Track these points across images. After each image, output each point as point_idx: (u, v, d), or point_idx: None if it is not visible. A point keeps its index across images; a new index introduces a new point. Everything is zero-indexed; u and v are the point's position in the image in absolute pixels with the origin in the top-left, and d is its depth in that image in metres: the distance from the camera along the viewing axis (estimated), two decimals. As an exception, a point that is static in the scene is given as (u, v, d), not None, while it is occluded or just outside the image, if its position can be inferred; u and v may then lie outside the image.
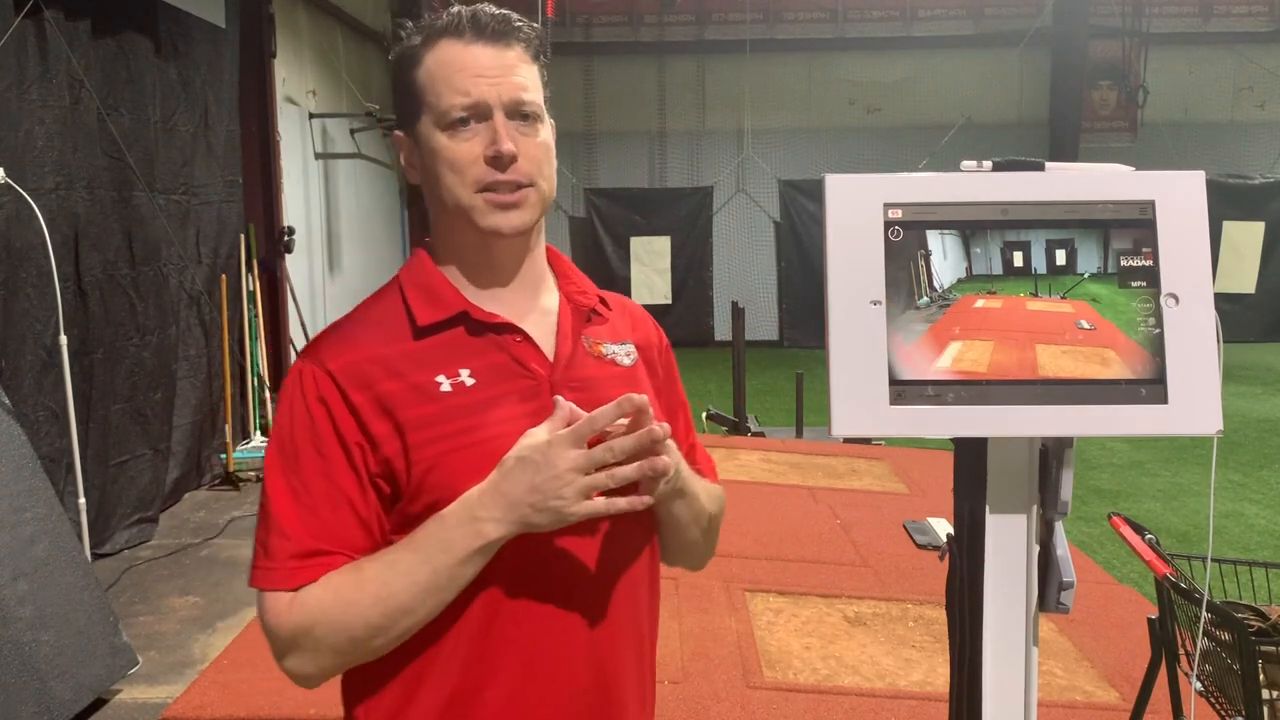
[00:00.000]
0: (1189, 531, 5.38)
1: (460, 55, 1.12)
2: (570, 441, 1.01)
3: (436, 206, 1.17)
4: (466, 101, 1.11)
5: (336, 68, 9.64)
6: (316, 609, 1.04)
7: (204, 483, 6.10)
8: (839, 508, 4.90)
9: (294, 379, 1.11)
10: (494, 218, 1.13)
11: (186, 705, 3.10)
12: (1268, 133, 13.34)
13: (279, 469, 1.08)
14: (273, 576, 1.06)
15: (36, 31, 4.48)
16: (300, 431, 1.08)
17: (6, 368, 4.21)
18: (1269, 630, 2.27)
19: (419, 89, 1.14)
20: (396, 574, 1.04)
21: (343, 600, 1.04)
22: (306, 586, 1.05)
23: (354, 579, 1.05)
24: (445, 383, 1.10)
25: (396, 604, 1.04)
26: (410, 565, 1.04)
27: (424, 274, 1.18)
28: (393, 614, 1.04)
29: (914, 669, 3.24)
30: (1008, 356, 0.99)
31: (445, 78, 1.12)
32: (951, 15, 13.36)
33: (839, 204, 1.00)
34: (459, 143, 1.11)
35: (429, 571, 1.03)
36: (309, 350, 1.14)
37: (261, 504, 1.10)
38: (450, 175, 1.12)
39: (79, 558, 3.48)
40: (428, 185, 1.17)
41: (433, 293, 1.16)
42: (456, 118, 1.11)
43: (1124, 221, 1.01)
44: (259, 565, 1.08)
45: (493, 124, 1.12)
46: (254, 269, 7.01)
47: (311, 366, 1.11)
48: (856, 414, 0.98)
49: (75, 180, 4.78)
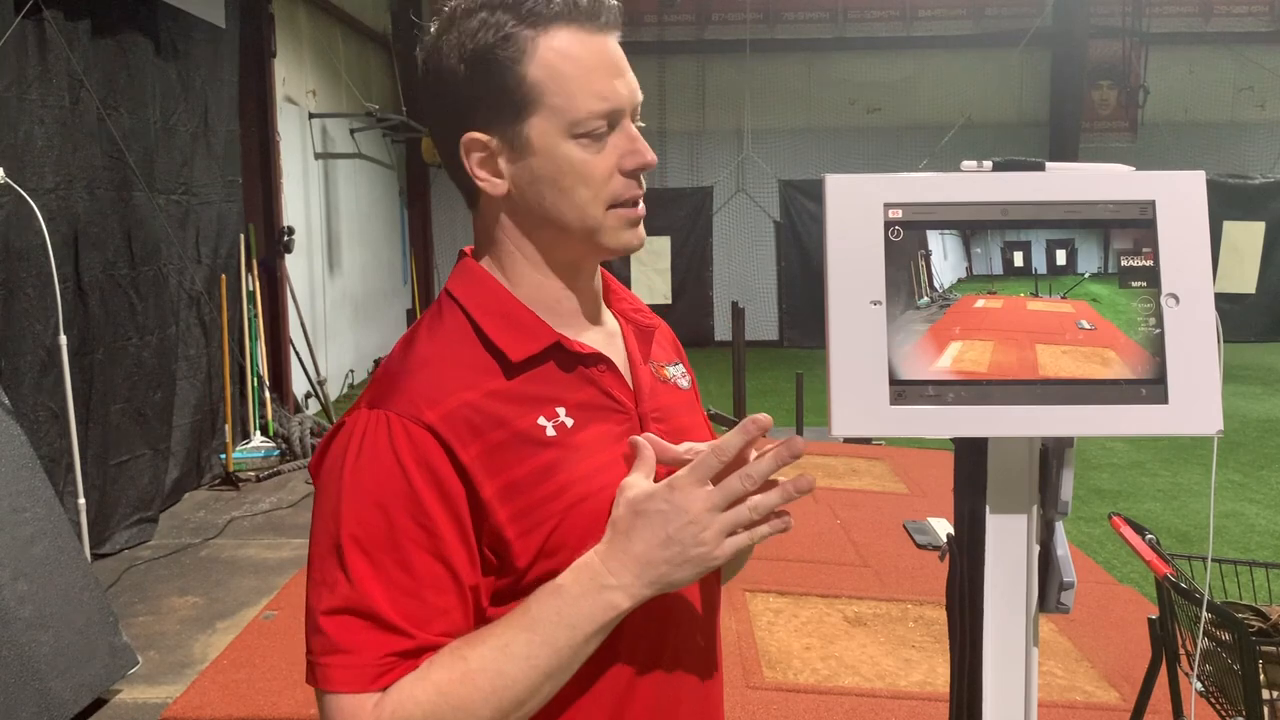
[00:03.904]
0: (1189, 531, 5.38)
1: (590, 48, 0.96)
2: (696, 480, 0.90)
3: (535, 221, 1.00)
4: (606, 108, 0.96)
5: (336, 68, 9.64)
6: (418, 713, 0.87)
7: (204, 483, 6.11)
8: (839, 508, 4.90)
9: (378, 434, 0.91)
10: (626, 235, 1.00)
11: (186, 705, 3.10)
12: (1268, 133, 13.34)
13: (361, 545, 0.89)
14: (356, 676, 0.88)
15: (36, 31, 4.48)
16: (395, 501, 0.90)
17: (6, 368, 4.21)
18: (1269, 630, 2.27)
19: (533, 85, 0.95)
20: (511, 660, 0.88)
21: (451, 700, 0.87)
22: (397, 683, 0.89)
23: (459, 671, 0.88)
24: (548, 425, 0.96)
25: (513, 696, 0.88)
26: (528, 648, 0.88)
27: (496, 299, 1.00)
28: (508, 708, 0.89)
29: (914, 669, 3.24)
30: (1008, 356, 0.99)
31: (577, 76, 0.95)
32: (951, 15, 13.35)
33: (839, 204, 1.00)
34: (594, 154, 0.96)
35: (550, 654, 0.89)
36: (387, 397, 0.94)
37: (323, 583, 0.90)
38: (584, 191, 0.97)
39: (79, 558, 3.48)
40: (533, 198, 0.98)
41: (517, 321, 0.99)
42: (594, 127, 0.96)
43: (1124, 221, 1.01)
44: (331, 662, 0.88)
45: (627, 131, 0.98)
46: (254, 269, 7.02)
47: (401, 419, 0.91)
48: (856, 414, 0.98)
49: (75, 180, 4.78)
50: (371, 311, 10.98)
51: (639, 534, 0.90)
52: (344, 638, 0.88)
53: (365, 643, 0.88)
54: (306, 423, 7.07)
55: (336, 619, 0.89)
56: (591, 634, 0.90)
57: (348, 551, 0.89)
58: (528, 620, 0.89)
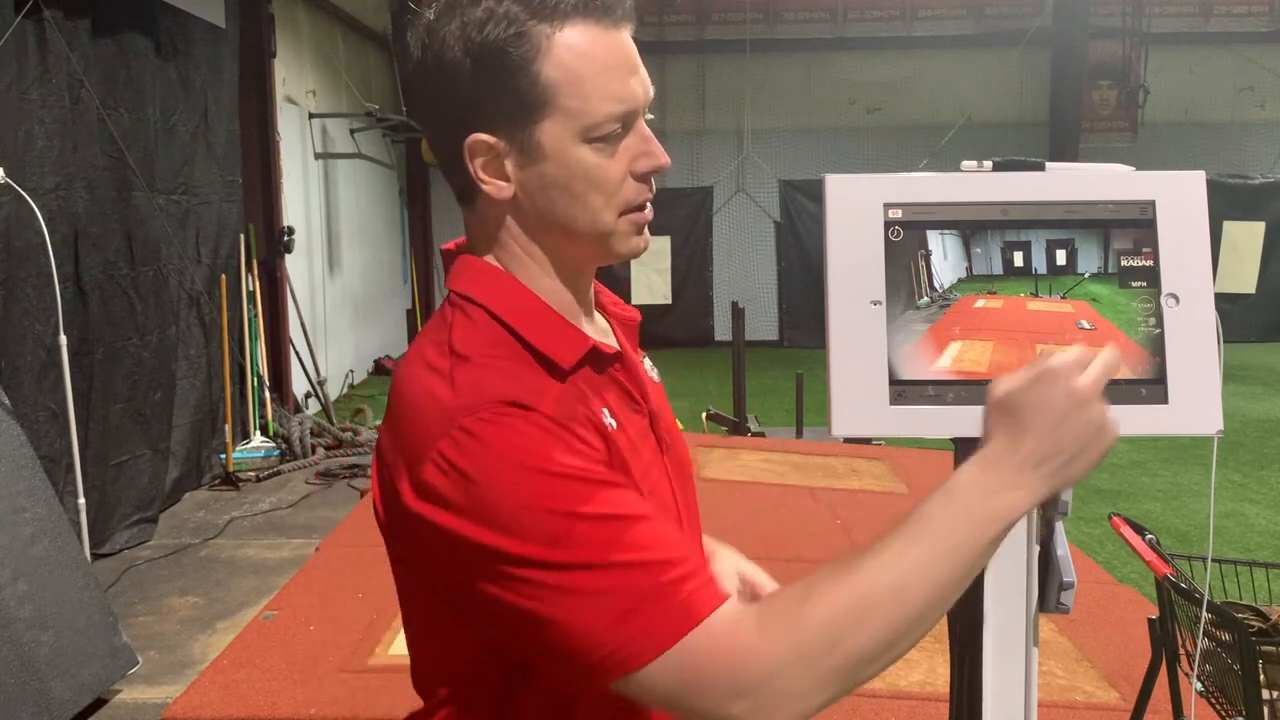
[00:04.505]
0: (1189, 531, 5.37)
1: (605, 44, 0.91)
2: (1077, 365, 0.85)
3: (542, 225, 0.95)
4: (622, 110, 0.91)
5: (336, 68, 9.63)
6: (813, 628, 0.79)
7: (204, 483, 6.11)
8: (839, 508, 4.90)
9: (512, 428, 0.83)
10: (635, 240, 0.96)
11: (186, 705, 3.09)
12: (1268, 133, 13.33)
13: (580, 501, 0.81)
14: (709, 590, 0.81)
15: (36, 31, 4.48)
16: (577, 459, 0.83)
17: (6, 368, 4.21)
18: (1269, 630, 2.27)
19: (547, 86, 0.89)
20: (912, 570, 0.81)
21: (851, 612, 0.80)
22: (771, 603, 0.83)
23: (852, 585, 0.81)
24: (611, 421, 0.93)
25: (915, 609, 0.81)
26: (930, 555, 0.81)
27: (528, 306, 0.94)
28: (908, 621, 0.81)
29: (914, 669, 3.24)
30: (1008, 356, 0.99)
31: (593, 76, 0.89)
32: (951, 15, 13.35)
33: (839, 204, 1.00)
34: (607, 159, 0.91)
35: (951, 563, 0.82)
36: (475, 408, 0.84)
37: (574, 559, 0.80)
38: (597, 198, 0.92)
39: (79, 558, 3.48)
40: (542, 203, 0.93)
41: (555, 328, 0.94)
42: (610, 131, 0.90)
43: (1124, 221, 1.01)
44: (682, 590, 0.80)
45: (640, 132, 0.94)
46: (254, 269, 7.01)
47: (518, 410, 0.84)
48: (856, 414, 0.98)
49: (75, 180, 4.78)
50: (371, 311, 10.98)
51: (1027, 428, 0.84)
52: (644, 581, 0.80)
53: (675, 570, 0.81)
54: (306, 423, 7.07)
55: (634, 572, 0.80)
56: (990, 541, 0.83)
57: (582, 515, 0.81)
58: (922, 529, 0.83)
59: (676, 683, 0.79)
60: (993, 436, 0.86)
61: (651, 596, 0.80)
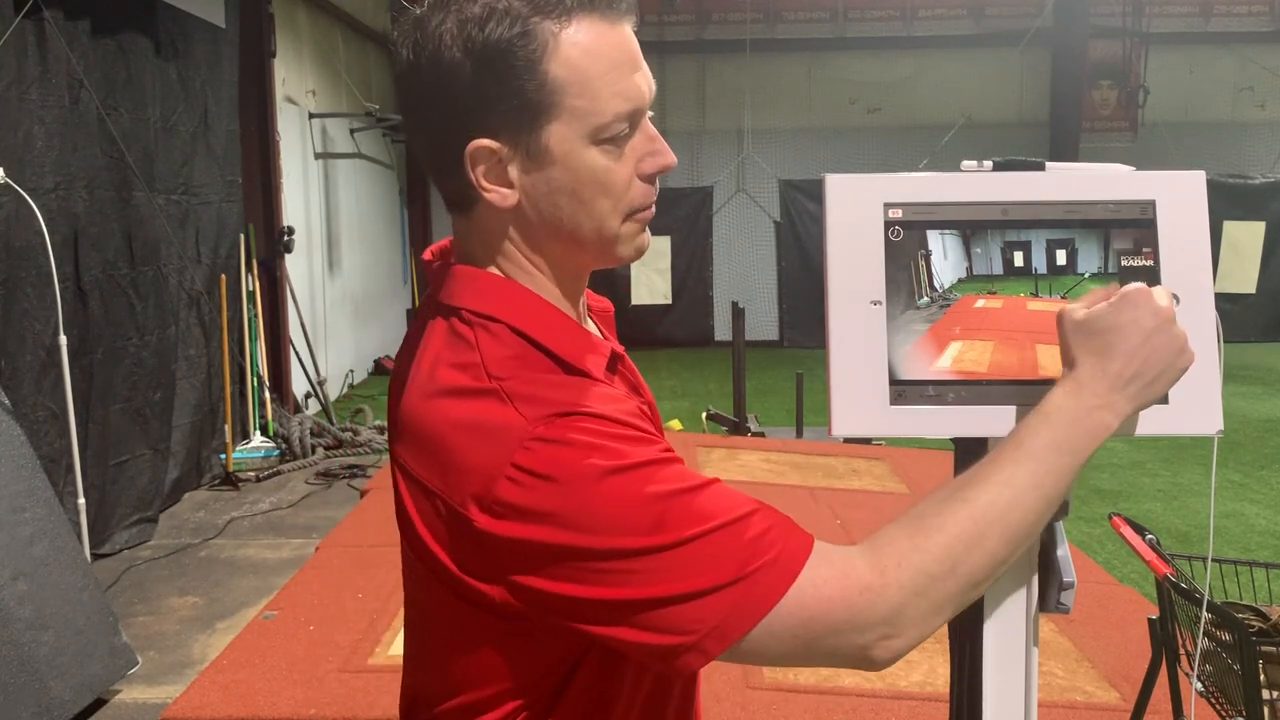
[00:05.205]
0: (1189, 532, 5.37)
1: (611, 40, 0.87)
2: (1159, 295, 0.89)
3: (546, 233, 0.92)
4: (629, 108, 0.88)
5: (336, 68, 9.64)
6: (930, 558, 0.82)
7: (203, 483, 6.11)
8: (839, 508, 4.90)
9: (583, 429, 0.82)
10: (638, 242, 0.94)
11: (186, 705, 3.09)
12: (1268, 133, 13.33)
13: (662, 483, 0.82)
14: (793, 545, 0.82)
15: (36, 31, 4.48)
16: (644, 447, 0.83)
17: (6, 368, 4.21)
18: (1269, 630, 2.27)
19: (555, 87, 0.85)
20: (1021, 491, 0.85)
21: (964, 539, 0.83)
22: (877, 537, 0.85)
23: (964, 512, 0.84)
24: None
25: (1025, 526, 0.86)
26: (1033, 478, 0.85)
27: (550, 319, 0.92)
28: (1020, 539, 0.86)
29: (914, 669, 3.24)
30: (1008, 356, 0.99)
31: (601, 74, 0.86)
32: (951, 15, 13.35)
33: (839, 204, 1.00)
34: (615, 161, 0.88)
35: (1054, 480, 0.86)
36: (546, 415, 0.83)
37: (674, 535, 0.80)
38: (605, 202, 0.89)
39: (78, 558, 3.48)
40: (547, 210, 0.90)
41: (578, 339, 0.93)
42: (618, 131, 0.87)
43: (1124, 221, 1.00)
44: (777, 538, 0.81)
45: (646, 131, 0.91)
46: (253, 269, 7.01)
47: (584, 417, 0.84)
48: (856, 414, 0.98)
49: (75, 180, 4.78)
50: (371, 311, 10.98)
51: (1115, 348, 0.87)
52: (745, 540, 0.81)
53: (757, 509, 0.83)
54: (306, 423, 7.07)
55: (726, 535, 0.81)
56: (1086, 458, 0.88)
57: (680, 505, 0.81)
58: (1024, 453, 0.86)
59: (800, 628, 0.81)
60: (1078, 360, 0.89)
61: (750, 554, 0.80)
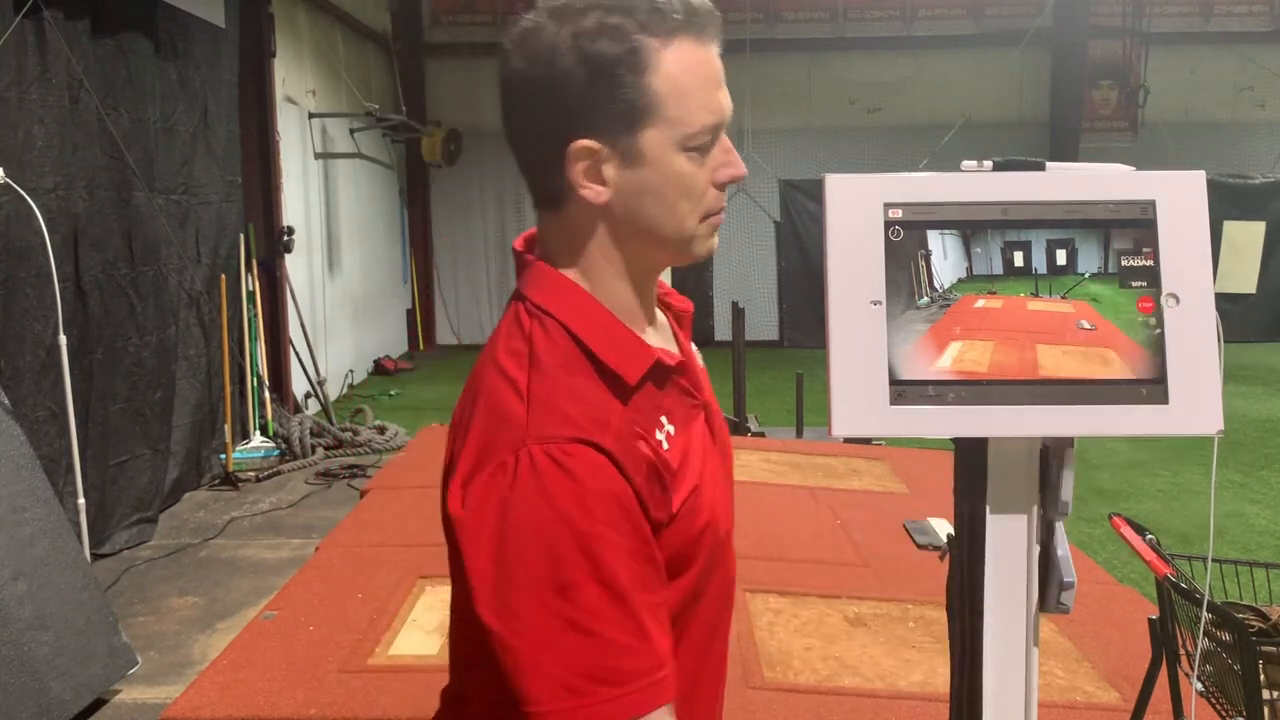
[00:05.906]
0: (1189, 532, 5.37)
1: (701, 60, 0.96)
2: None
3: (629, 230, 0.99)
4: (714, 121, 0.97)
5: (336, 67, 9.64)
6: None
7: (203, 483, 6.11)
8: (839, 508, 4.90)
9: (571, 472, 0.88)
10: (710, 243, 1.03)
11: (186, 705, 3.09)
12: (1268, 133, 13.33)
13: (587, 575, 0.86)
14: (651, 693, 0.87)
15: (36, 31, 4.48)
16: (608, 535, 0.87)
17: (6, 368, 4.21)
18: (1269, 630, 2.27)
19: (655, 97, 0.94)
20: None
21: None
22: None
23: None
24: (664, 440, 0.97)
25: None
26: None
27: (599, 321, 0.99)
28: None
29: (914, 669, 3.24)
30: (1008, 356, 0.99)
31: (694, 89, 0.95)
32: (951, 15, 13.35)
33: (839, 204, 1.00)
34: (697, 167, 0.97)
35: None
36: (552, 435, 0.89)
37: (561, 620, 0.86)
38: (686, 204, 0.98)
39: (78, 558, 3.48)
40: (635, 208, 0.98)
41: (623, 343, 0.99)
42: (704, 141, 0.97)
43: (1124, 221, 1.00)
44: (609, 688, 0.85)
45: (723, 144, 1.00)
46: (253, 269, 7.02)
47: (583, 449, 0.89)
48: (856, 414, 0.98)
49: (75, 180, 4.78)
50: (371, 311, 10.98)
51: None
52: (606, 668, 0.85)
53: (637, 666, 0.87)
54: (306, 423, 7.07)
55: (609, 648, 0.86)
56: None
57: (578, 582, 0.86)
58: None
59: None
60: None
61: (612, 678, 0.85)
